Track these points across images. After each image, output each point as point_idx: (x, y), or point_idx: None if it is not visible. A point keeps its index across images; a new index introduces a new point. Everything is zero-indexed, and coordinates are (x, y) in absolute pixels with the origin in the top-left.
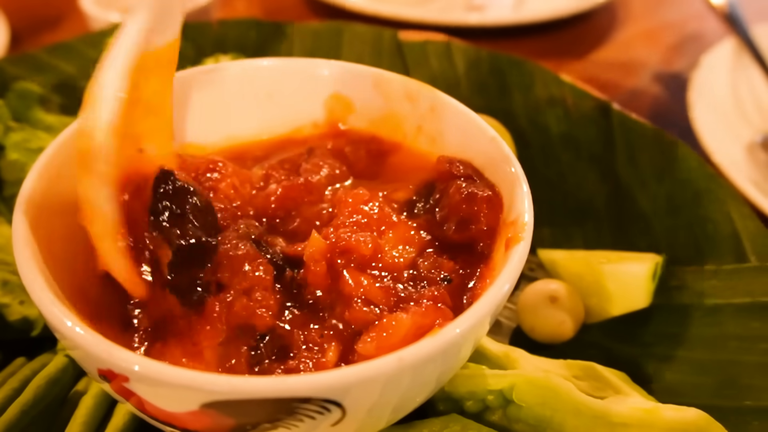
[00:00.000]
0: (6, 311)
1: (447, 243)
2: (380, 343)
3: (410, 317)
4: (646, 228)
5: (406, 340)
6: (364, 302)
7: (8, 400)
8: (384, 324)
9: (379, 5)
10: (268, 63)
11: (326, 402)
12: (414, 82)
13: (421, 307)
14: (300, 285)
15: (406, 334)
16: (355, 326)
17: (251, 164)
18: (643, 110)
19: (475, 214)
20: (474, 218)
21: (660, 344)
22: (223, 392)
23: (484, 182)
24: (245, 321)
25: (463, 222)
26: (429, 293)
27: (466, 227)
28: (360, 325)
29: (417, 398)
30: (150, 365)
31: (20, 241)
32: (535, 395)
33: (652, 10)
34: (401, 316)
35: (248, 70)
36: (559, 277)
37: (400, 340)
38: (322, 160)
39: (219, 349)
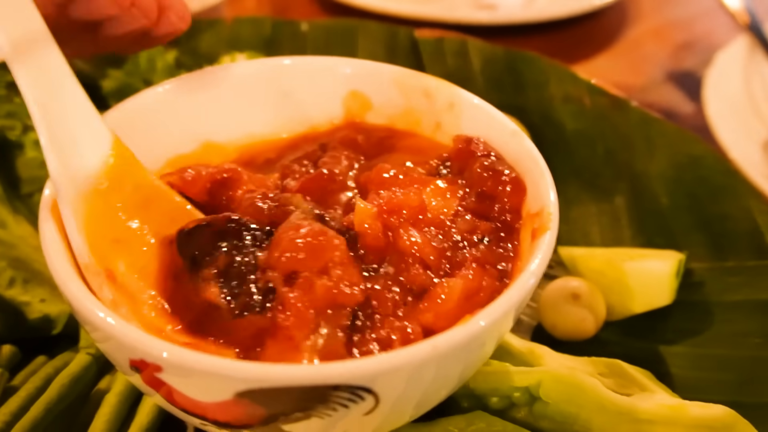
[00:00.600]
0: (26, 309)
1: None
2: (437, 310)
3: (461, 281)
4: (665, 225)
5: (459, 305)
6: (420, 263)
7: (31, 398)
8: (437, 290)
9: (388, 3)
10: (286, 61)
11: (361, 389)
12: (433, 79)
13: (468, 270)
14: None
15: (459, 298)
16: (414, 289)
17: (264, 166)
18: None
19: (499, 194)
20: (498, 197)
21: (681, 341)
22: (261, 380)
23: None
24: (333, 301)
25: (486, 198)
26: (472, 255)
27: (489, 205)
28: (419, 288)
29: (441, 391)
30: (184, 354)
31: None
32: (562, 392)
33: (662, 8)
34: (453, 281)
35: (267, 68)
36: (579, 275)
37: (455, 306)
38: (338, 152)
39: (314, 337)
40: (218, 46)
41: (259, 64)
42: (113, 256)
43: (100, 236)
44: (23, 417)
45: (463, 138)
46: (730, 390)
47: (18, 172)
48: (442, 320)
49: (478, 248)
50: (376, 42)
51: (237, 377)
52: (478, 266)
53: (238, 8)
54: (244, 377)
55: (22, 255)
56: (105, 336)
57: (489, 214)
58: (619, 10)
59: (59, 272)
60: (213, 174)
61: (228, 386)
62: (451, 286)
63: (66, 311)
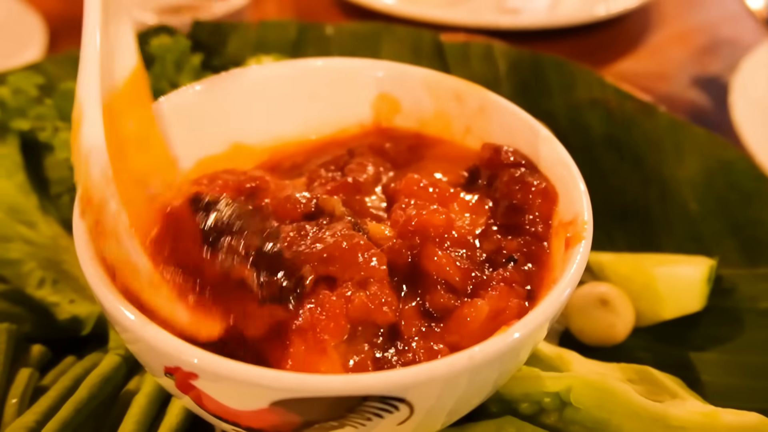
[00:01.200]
0: (55, 310)
1: (504, 226)
2: (463, 331)
3: (487, 303)
4: (695, 230)
5: (484, 326)
6: (445, 284)
7: (61, 398)
8: (463, 311)
9: (410, 7)
10: (317, 63)
11: (396, 400)
12: (463, 82)
13: (495, 290)
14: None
15: (485, 320)
16: (437, 312)
17: (290, 171)
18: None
19: (529, 206)
20: (528, 209)
21: (712, 348)
22: (297, 390)
23: (537, 172)
24: (368, 317)
25: (515, 210)
26: (499, 275)
27: (518, 217)
28: (441, 311)
29: (473, 400)
30: (221, 363)
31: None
32: (593, 398)
33: (686, 13)
34: (480, 304)
35: (297, 70)
36: (606, 280)
37: (480, 327)
38: (365, 159)
39: (342, 346)
40: (244, 49)
41: (290, 66)
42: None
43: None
44: (54, 416)
45: (491, 147)
46: (762, 397)
47: (47, 173)
48: (467, 340)
49: (505, 268)
50: (401, 46)
51: (273, 387)
52: (505, 286)
53: (260, 12)
54: (281, 387)
55: (52, 255)
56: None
57: (519, 225)
58: (642, 15)
59: (93, 278)
60: (241, 182)
61: (264, 395)
62: (478, 308)
63: (95, 312)
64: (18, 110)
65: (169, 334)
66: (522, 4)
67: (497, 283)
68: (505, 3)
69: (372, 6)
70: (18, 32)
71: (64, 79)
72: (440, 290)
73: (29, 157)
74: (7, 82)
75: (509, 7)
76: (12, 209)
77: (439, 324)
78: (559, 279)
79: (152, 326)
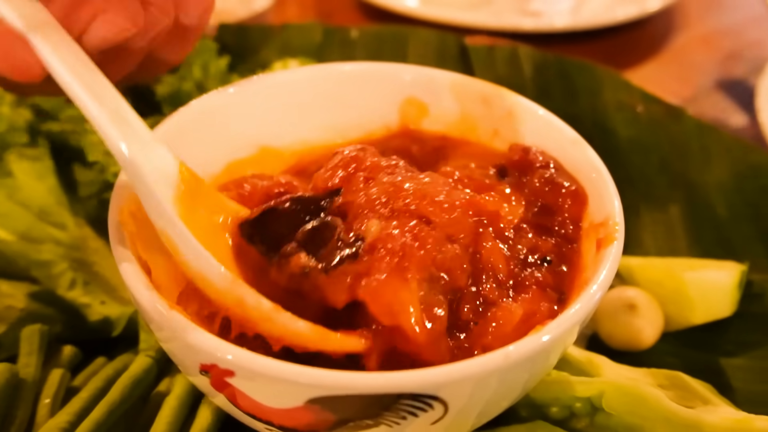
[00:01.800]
0: (86, 311)
1: (534, 226)
2: (495, 333)
3: (520, 306)
4: (724, 235)
5: (516, 329)
6: (494, 277)
7: (93, 399)
8: (497, 313)
9: (432, 9)
10: (344, 67)
11: (431, 398)
12: (491, 86)
13: (528, 293)
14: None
15: (517, 323)
16: (485, 304)
17: None
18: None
19: (559, 207)
20: (558, 211)
21: (742, 354)
22: (334, 387)
23: (567, 174)
24: (449, 270)
25: (546, 212)
26: (532, 277)
27: (548, 218)
28: (489, 304)
29: (503, 402)
30: (258, 360)
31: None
32: (625, 403)
33: (709, 16)
34: (514, 307)
35: (324, 73)
36: (635, 284)
37: (512, 331)
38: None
39: (424, 285)
40: (269, 52)
41: (317, 70)
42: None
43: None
44: (86, 418)
45: (520, 147)
46: None
47: (77, 175)
48: (498, 343)
49: (540, 269)
50: (427, 49)
51: (311, 384)
52: (538, 289)
53: (282, 15)
54: (318, 384)
55: (83, 257)
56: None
57: (549, 227)
58: (665, 18)
59: (130, 275)
60: (269, 188)
61: (300, 393)
62: (512, 311)
63: (126, 313)
64: (50, 113)
65: (205, 332)
66: (544, 7)
67: (530, 285)
68: (527, 5)
69: (394, 8)
70: None
71: None
72: (491, 282)
73: (60, 160)
74: None
75: (532, 9)
76: (43, 211)
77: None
78: (591, 280)
79: (188, 324)
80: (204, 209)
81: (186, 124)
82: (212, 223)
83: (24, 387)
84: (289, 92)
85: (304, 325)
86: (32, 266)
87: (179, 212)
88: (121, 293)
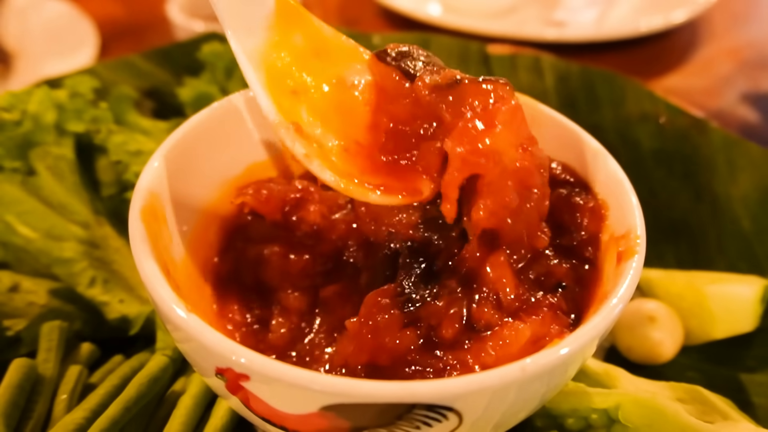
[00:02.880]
0: (105, 309)
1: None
2: (499, 352)
3: (529, 327)
4: (748, 249)
5: (523, 350)
6: (494, 300)
7: (109, 396)
8: (504, 332)
9: (456, 18)
10: None
11: (445, 409)
12: None
13: (539, 315)
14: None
15: (525, 343)
16: (478, 325)
17: None
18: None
19: (577, 225)
20: (575, 228)
21: (764, 369)
22: (348, 395)
23: (586, 188)
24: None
25: (562, 231)
26: (546, 300)
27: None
28: (484, 326)
29: (520, 414)
30: (274, 366)
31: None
32: (642, 416)
33: (734, 28)
34: (520, 326)
35: None
36: (655, 297)
37: (519, 351)
38: None
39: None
40: None
41: None
42: (295, 108)
43: (280, 91)
44: (103, 414)
45: None
46: None
47: (100, 175)
48: (503, 361)
49: (554, 294)
50: (449, 56)
51: (326, 391)
52: (549, 311)
53: None
54: (333, 391)
55: (103, 256)
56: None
57: (568, 246)
58: (690, 30)
59: (151, 278)
60: (286, 192)
61: (315, 399)
62: (519, 332)
63: (144, 312)
64: (74, 112)
65: (222, 335)
66: (569, 17)
67: (542, 308)
68: (551, 15)
69: (417, 17)
70: (71, 37)
71: (118, 84)
72: (489, 302)
73: (83, 159)
74: (65, 85)
75: (556, 19)
76: (66, 209)
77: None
78: (611, 293)
79: (205, 326)
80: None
81: (208, 125)
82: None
83: (42, 382)
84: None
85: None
86: (54, 263)
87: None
88: (140, 292)
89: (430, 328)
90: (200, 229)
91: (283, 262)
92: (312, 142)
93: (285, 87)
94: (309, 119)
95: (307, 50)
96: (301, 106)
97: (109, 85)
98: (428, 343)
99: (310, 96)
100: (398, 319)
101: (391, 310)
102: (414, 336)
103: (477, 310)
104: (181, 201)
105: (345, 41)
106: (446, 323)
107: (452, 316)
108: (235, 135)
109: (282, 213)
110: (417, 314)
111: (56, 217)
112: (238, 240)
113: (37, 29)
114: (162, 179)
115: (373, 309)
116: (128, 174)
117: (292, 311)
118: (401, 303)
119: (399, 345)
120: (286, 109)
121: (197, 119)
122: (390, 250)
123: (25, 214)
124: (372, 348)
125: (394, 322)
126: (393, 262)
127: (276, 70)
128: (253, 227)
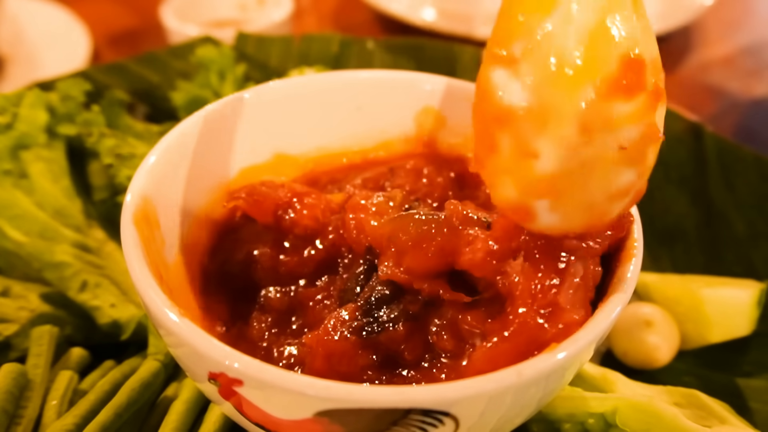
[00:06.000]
0: (96, 314)
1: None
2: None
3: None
4: (743, 254)
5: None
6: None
7: (100, 402)
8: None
9: (451, 23)
10: (362, 75)
11: (442, 414)
12: None
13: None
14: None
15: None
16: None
17: (328, 186)
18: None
19: None
20: None
21: (760, 374)
22: (342, 400)
23: None
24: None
25: None
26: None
27: None
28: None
29: (516, 419)
30: (268, 371)
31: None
32: (639, 420)
33: (729, 35)
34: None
35: (342, 80)
36: (651, 301)
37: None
38: (405, 180)
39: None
40: (287, 61)
41: (334, 77)
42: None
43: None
44: (93, 420)
45: None
46: None
47: (92, 179)
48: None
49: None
50: (443, 61)
51: (320, 396)
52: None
53: (301, 27)
54: (327, 397)
55: (95, 260)
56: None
57: None
58: (684, 36)
59: (142, 282)
60: (279, 197)
61: (309, 405)
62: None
63: (135, 317)
64: (66, 116)
65: (215, 340)
66: None
67: None
68: None
69: (412, 21)
70: (65, 42)
71: (110, 87)
72: (445, 335)
73: (74, 162)
74: (57, 89)
75: None
76: (58, 213)
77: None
78: (608, 298)
79: (198, 331)
80: None
81: (201, 128)
82: None
83: (32, 388)
84: (304, 99)
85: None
86: (45, 267)
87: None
88: (132, 297)
89: (388, 351)
90: (193, 233)
91: (272, 264)
92: None
93: None
94: None
95: None
96: None
97: (102, 89)
98: (387, 363)
99: None
100: (354, 345)
101: (347, 336)
102: (370, 360)
103: (437, 337)
104: (173, 205)
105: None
106: (407, 348)
107: (413, 342)
108: (227, 138)
109: (274, 216)
110: (376, 339)
111: (48, 220)
112: (228, 242)
113: (31, 34)
114: (154, 183)
115: (331, 333)
116: (120, 178)
117: (272, 310)
118: (358, 328)
119: (353, 368)
120: None
121: (190, 123)
122: (366, 263)
123: (17, 217)
124: (326, 370)
125: (350, 347)
126: (368, 274)
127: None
128: (245, 230)
